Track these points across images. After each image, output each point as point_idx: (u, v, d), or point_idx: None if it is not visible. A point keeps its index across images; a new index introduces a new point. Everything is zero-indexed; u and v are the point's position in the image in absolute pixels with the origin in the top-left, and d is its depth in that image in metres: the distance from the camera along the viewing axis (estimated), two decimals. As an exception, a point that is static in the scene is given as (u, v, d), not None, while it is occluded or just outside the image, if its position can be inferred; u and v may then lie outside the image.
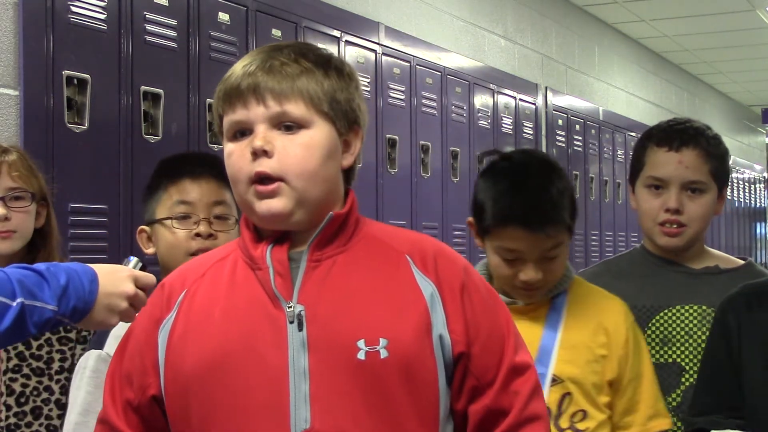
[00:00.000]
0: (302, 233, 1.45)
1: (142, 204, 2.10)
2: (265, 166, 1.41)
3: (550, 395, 1.88)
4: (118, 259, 2.07)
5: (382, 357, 1.38)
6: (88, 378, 1.88)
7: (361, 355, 1.38)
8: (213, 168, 2.03)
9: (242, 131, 1.44)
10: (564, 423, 1.89)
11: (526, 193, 1.88)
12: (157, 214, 2.02)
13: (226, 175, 2.02)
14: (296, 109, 1.42)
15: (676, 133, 2.18)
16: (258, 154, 1.41)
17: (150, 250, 2.02)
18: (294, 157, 1.41)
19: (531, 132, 6.15)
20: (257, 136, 1.42)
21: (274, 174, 1.41)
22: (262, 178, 1.42)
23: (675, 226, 2.16)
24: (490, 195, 1.91)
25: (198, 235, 1.97)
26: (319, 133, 1.44)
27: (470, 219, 1.98)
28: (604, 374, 1.91)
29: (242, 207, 1.48)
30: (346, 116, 1.47)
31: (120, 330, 1.88)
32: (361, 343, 1.38)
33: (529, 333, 1.89)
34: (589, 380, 1.90)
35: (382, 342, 1.39)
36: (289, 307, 1.40)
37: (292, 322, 1.40)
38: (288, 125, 1.42)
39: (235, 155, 1.44)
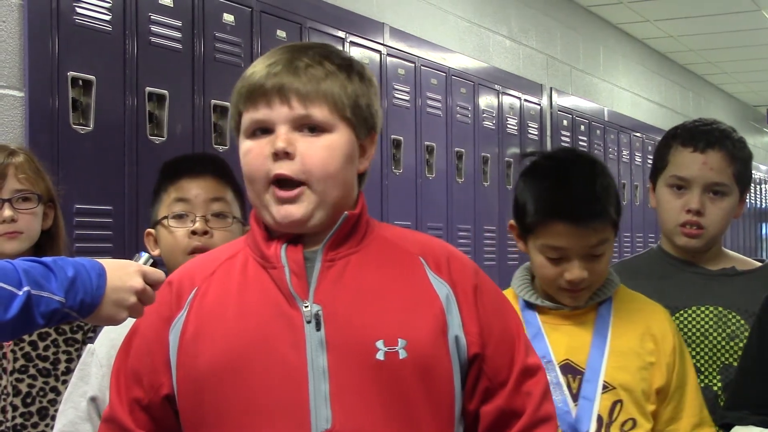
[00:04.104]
0: (315, 233, 1.45)
1: (149, 208, 2.10)
2: (285, 168, 1.41)
3: (601, 402, 1.85)
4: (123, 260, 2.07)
5: (401, 357, 1.39)
6: (76, 370, 1.94)
7: (380, 356, 1.38)
8: (213, 166, 2.04)
9: (262, 130, 1.43)
10: (615, 431, 1.86)
11: (569, 188, 1.86)
12: (159, 215, 2.02)
13: (227, 173, 2.04)
14: (320, 112, 1.42)
15: (702, 134, 2.16)
16: (279, 155, 1.40)
17: (156, 252, 2.02)
18: (317, 159, 1.41)
19: (536, 132, 6.14)
20: (279, 137, 1.41)
21: (295, 177, 1.41)
22: (282, 181, 1.41)
23: (695, 227, 2.15)
24: (532, 193, 1.89)
25: (194, 232, 1.96)
26: (339, 138, 1.43)
27: (511, 222, 1.96)
28: (652, 381, 1.89)
29: (257, 207, 1.47)
30: (365, 122, 1.48)
31: (110, 327, 1.90)
32: (380, 344, 1.39)
33: (578, 339, 1.90)
34: (639, 387, 1.88)
35: (401, 342, 1.39)
36: (305, 307, 1.40)
37: (309, 322, 1.39)
38: (311, 128, 1.42)
39: (253, 153, 1.43)
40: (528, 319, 1.93)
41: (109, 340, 1.89)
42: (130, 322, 1.53)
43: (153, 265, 1.54)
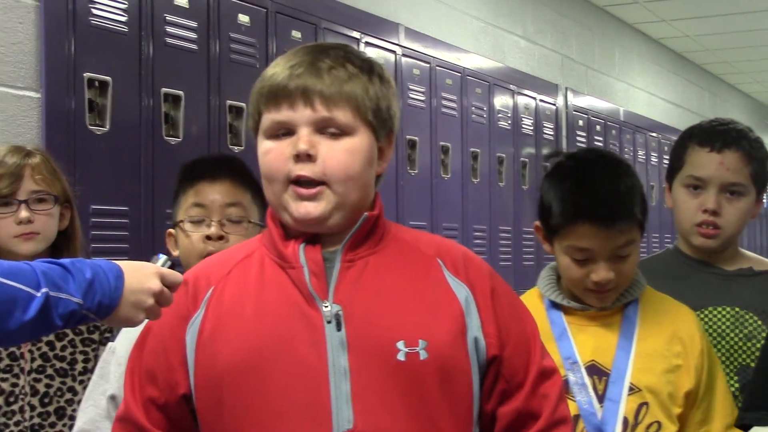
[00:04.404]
0: (333, 234, 1.45)
1: (166, 208, 2.12)
2: (307, 170, 1.41)
3: (627, 404, 1.84)
4: (139, 260, 2.08)
5: (421, 358, 1.39)
6: (96, 368, 1.97)
7: (401, 356, 1.39)
8: (231, 170, 2.03)
9: (284, 131, 1.43)
10: None
11: (594, 189, 1.85)
12: (178, 217, 2.04)
13: (245, 176, 2.04)
14: (343, 115, 1.42)
15: (719, 134, 2.16)
16: (301, 157, 1.41)
17: (176, 253, 2.04)
18: (338, 161, 1.41)
19: (551, 133, 6.13)
20: (301, 138, 1.41)
21: (316, 178, 1.41)
22: (302, 181, 1.41)
23: (711, 227, 2.14)
24: (556, 194, 1.88)
25: (209, 237, 1.97)
26: (361, 141, 1.44)
27: (537, 223, 1.95)
28: (678, 384, 1.88)
29: (275, 206, 1.47)
30: (385, 124, 1.48)
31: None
32: (400, 344, 1.39)
33: (604, 340, 1.89)
34: (665, 390, 1.87)
35: (422, 343, 1.39)
36: (325, 307, 1.40)
37: (329, 322, 1.39)
38: (333, 130, 1.42)
39: (274, 154, 1.43)
40: (554, 320, 1.92)
41: (128, 339, 1.89)
42: None
43: (171, 267, 1.54)
